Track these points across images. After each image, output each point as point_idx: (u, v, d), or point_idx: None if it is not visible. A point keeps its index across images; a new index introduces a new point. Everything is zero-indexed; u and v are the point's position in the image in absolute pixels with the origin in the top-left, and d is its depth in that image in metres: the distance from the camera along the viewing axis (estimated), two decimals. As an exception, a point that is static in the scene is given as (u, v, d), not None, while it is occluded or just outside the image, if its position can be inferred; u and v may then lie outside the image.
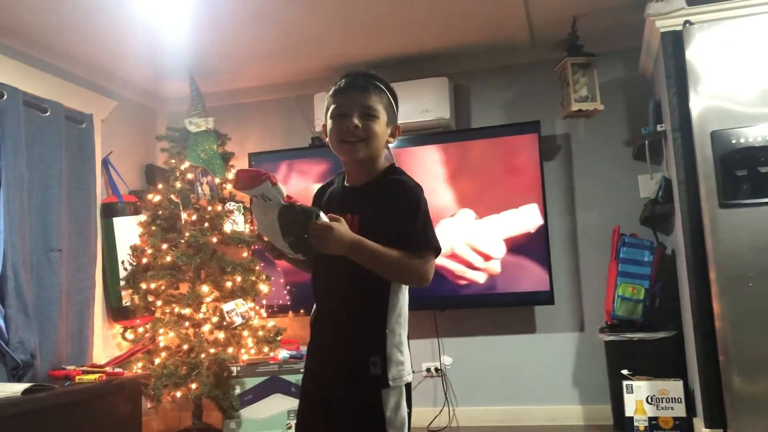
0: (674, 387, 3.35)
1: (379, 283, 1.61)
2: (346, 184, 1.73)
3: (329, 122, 1.67)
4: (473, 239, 3.92)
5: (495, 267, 3.88)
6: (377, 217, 1.61)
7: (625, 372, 3.45)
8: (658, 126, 3.46)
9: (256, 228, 1.68)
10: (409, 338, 1.67)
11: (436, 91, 3.98)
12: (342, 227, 1.52)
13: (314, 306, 1.74)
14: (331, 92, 1.67)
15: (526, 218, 3.85)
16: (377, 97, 1.64)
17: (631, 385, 3.40)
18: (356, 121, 1.61)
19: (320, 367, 1.68)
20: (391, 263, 1.56)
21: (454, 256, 3.93)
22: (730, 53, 2.89)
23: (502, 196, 3.90)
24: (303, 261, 1.71)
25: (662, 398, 3.36)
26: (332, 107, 1.66)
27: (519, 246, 3.86)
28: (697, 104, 2.90)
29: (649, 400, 3.37)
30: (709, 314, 2.87)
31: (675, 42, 3.05)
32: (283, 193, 1.54)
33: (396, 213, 1.59)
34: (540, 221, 3.83)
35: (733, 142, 2.83)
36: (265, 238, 1.65)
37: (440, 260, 3.86)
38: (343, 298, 1.64)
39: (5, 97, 3.27)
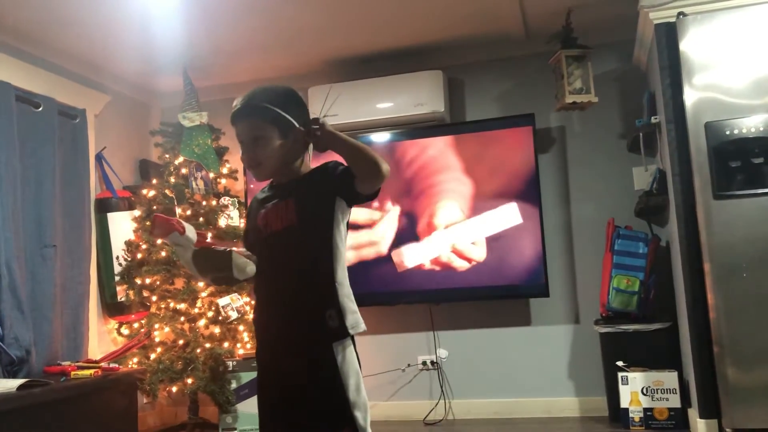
0: (669, 378, 3.36)
1: (324, 236, 1.71)
2: (273, 184, 1.85)
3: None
4: (458, 243, 3.93)
5: (487, 259, 3.89)
6: (312, 195, 1.73)
7: (620, 363, 3.47)
8: (652, 118, 3.46)
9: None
10: (403, 331, 1.72)
11: (430, 84, 3.97)
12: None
13: (256, 303, 1.81)
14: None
15: (505, 217, 3.87)
16: (261, 119, 1.74)
17: (626, 376, 3.41)
18: (248, 153, 1.76)
19: (275, 344, 1.74)
20: (362, 146, 1.67)
21: (437, 262, 3.95)
22: (724, 45, 2.89)
23: (496, 189, 3.90)
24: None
25: (657, 389, 3.37)
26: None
27: (514, 239, 3.86)
28: (691, 96, 2.90)
29: (644, 391, 3.38)
30: (704, 305, 2.88)
31: (669, 34, 3.05)
32: (192, 239, 1.74)
33: (330, 171, 1.73)
34: (519, 220, 3.85)
35: (727, 133, 2.83)
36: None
37: (426, 262, 3.96)
38: (291, 264, 1.72)
39: (-3, 92, 3.25)
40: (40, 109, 3.54)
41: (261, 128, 1.73)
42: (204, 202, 3.90)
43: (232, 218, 3.96)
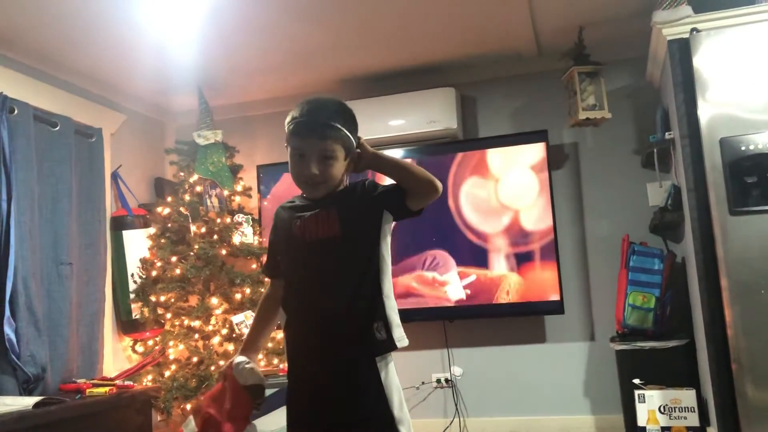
0: (687, 396, 3.32)
1: (372, 249, 1.69)
2: (305, 195, 1.80)
3: (289, 156, 1.73)
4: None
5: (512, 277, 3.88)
6: (357, 207, 1.70)
7: (636, 381, 3.43)
8: (666, 134, 3.45)
9: None
10: (417, 348, 1.71)
11: (443, 101, 3.98)
12: (366, 145, 1.75)
13: (288, 318, 1.78)
14: (290, 126, 1.71)
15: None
16: (334, 139, 1.69)
17: (643, 394, 3.37)
18: (315, 169, 1.69)
19: (312, 358, 1.70)
20: (412, 165, 1.70)
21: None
22: (738, 60, 2.88)
23: (509, 206, 3.90)
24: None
25: (675, 408, 3.33)
26: (291, 146, 1.72)
27: (529, 256, 3.85)
28: (705, 111, 2.89)
29: (662, 409, 3.34)
30: (721, 322, 2.85)
31: (682, 50, 3.04)
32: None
33: (375, 185, 1.74)
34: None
35: (743, 148, 2.82)
36: None
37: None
38: (336, 275, 1.68)
39: (16, 112, 3.29)
40: (57, 128, 3.58)
41: (333, 149, 1.69)
42: (218, 220, 3.92)
43: (246, 235, 3.97)
